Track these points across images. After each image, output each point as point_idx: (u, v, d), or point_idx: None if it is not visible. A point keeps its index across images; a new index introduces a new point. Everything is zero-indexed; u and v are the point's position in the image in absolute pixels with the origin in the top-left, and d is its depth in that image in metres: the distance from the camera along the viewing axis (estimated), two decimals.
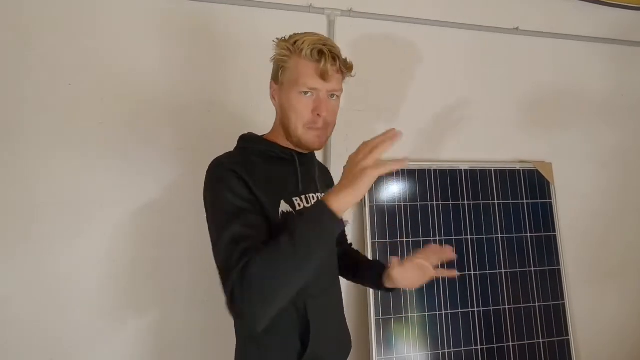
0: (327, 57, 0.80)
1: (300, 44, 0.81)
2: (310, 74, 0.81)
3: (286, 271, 0.68)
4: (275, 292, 0.68)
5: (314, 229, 0.69)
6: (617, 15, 1.82)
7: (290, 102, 0.84)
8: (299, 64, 0.82)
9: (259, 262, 0.68)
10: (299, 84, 0.82)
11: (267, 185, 0.82)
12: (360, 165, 0.68)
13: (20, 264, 1.25)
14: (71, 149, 1.29)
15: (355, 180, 0.68)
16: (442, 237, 1.54)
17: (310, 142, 0.85)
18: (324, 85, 0.82)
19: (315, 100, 0.83)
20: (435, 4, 1.61)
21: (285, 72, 0.85)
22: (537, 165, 1.70)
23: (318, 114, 0.82)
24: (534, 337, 1.57)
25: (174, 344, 1.37)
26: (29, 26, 1.27)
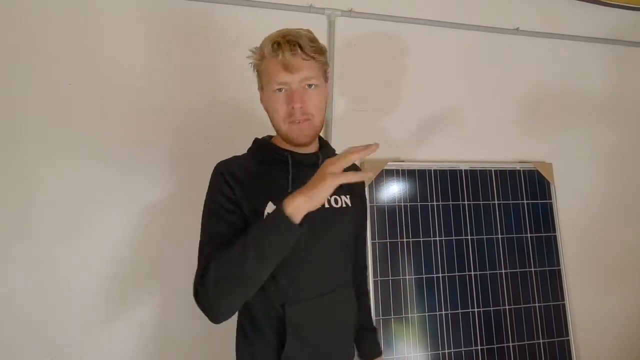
0: (283, 48, 0.79)
1: (263, 45, 0.83)
2: (276, 69, 0.81)
3: (238, 273, 0.72)
4: (230, 292, 0.74)
5: (267, 232, 0.72)
6: (617, 15, 1.82)
7: (269, 103, 0.86)
8: (266, 64, 0.83)
9: (214, 265, 0.74)
10: (270, 82, 0.83)
11: (255, 189, 0.84)
12: (323, 171, 0.70)
13: (20, 264, 1.25)
14: (71, 149, 1.29)
15: (314, 185, 0.70)
16: (442, 237, 1.54)
17: (294, 136, 0.85)
18: (291, 77, 0.81)
19: (288, 94, 0.82)
20: (435, 5, 1.61)
21: (260, 77, 0.87)
22: (537, 165, 1.70)
23: (293, 107, 0.82)
24: (534, 337, 1.57)
25: (176, 344, 1.37)
26: (29, 26, 1.27)
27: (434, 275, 1.51)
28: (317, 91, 0.84)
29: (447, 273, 1.53)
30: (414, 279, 1.49)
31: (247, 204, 0.83)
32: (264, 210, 0.83)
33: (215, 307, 0.75)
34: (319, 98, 0.85)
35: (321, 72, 0.86)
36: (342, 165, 0.69)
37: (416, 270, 1.50)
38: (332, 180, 0.68)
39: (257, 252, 0.72)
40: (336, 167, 0.69)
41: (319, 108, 0.85)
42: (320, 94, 0.86)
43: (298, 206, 0.70)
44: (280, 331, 0.84)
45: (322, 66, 0.86)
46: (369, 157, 1.50)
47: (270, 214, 0.74)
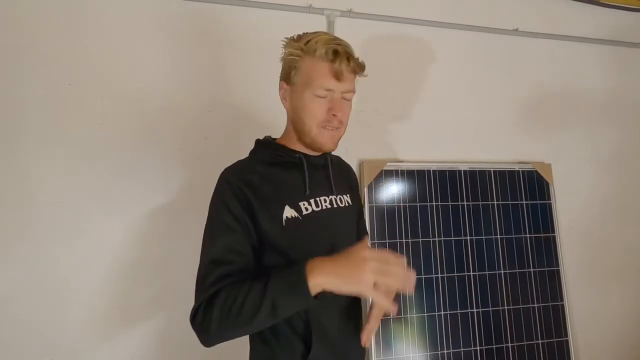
0: (341, 56, 0.79)
1: (314, 44, 0.80)
2: (325, 74, 0.80)
3: (245, 320, 0.70)
4: (230, 331, 0.73)
5: (283, 293, 0.70)
6: (616, 16, 1.82)
7: (303, 103, 0.83)
8: (313, 64, 0.81)
9: (223, 300, 0.71)
10: (314, 85, 0.81)
11: (269, 194, 0.82)
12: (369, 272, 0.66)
13: (20, 264, 1.25)
14: (71, 149, 1.29)
15: (352, 275, 0.67)
16: (441, 237, 1.55)
17: (324, 142, 0.85)
18: (338, 85, 0.81)
19: (329, 100, 0.82)
20: (435, 5, 1.61)
21: (298, 73, 0.83)
22: (537, 166, 1.70)
23: (333, 114, 0.82)
24: (533, 338, 1.57)
25: (176, 345, 1.37)
26: (28, 26, 1.27)
27: (433, 275, 1.51)
28: (350, 104, 0.87)
29: (446, 273, 1.53)
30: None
31: (264, 211, 0.81)
32: (282, 215, 0.82)
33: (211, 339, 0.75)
34: (350, 109, 0.87)
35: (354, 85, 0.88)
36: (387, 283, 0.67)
37: (415, 270, 1.50)
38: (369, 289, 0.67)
39: (271, 311, 0.69)
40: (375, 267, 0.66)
41: (348, 118, 0.87)
42: (351, 104, 0.88)
43: (326, 285, 0.68)
44: (305, 335, 0.83)
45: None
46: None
47: (292, 274, 0.70)
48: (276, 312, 0.69)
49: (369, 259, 0.66)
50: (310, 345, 0.82)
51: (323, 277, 0.67)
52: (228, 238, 0.78)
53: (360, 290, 0.66)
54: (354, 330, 0.95)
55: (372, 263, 0.66)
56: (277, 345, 0.84)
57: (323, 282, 0.68)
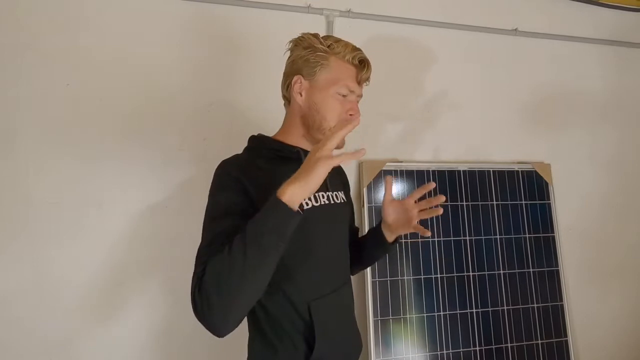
0: (367, 66, 0.90)
1: (342, 48, 0.88)
2: (351, 76, 0.88)
3: (239, 272, 0.66)
4: (232, 297, 0.66)
5: (265, 224, 0.67)
6: (615, 16, 1.82)
7: (326, 100, 0.87)
8: (341, 65, 0.88)
9: (211, 266, 0.68)
10: (340, 84, 0.87)
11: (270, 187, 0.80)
12: (315, 155, 0.69)
13: (17, 264, 1.25)
14: (69, 149, 1.29)
15: (308, 171, 0.68)
16: (440, 237, 1.54)
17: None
18: (358, 89, 0.90)
19: (349, 101, 0.89)
20: (434, 5, 1.61)
21: (323, 71, 0.87)
22: (536, 166, 1.70)
23: (351, 114, 0.88)
24: (532, 338, 1.57)
25: (176, 345, 1.37)
26: (27, 26, 1.27)
27: (432, 275, 1.51)
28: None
29: (445, 274, 1.52)
30: (412, 279, 1.49)
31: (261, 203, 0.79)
32: None
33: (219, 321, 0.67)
34: None
35: None
36: (331, 146, 0.69)
37: (414, 271, 1.50)
38: (325, 162, 0.67)
39: (257, 245, 0.66)
40: (326, 151, 0.69)
41: None
42: None
43: (295, 193, 0.67)
44: (307, 334, 0.83)
45: None
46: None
47: (265, 205, 0.69)
48: (263, 246, 0.66)
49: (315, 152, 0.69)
50: (313, 344, 0.81)
51: (292, 188, 0.68)
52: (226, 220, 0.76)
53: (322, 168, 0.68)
54: (353, 328, 0.97)
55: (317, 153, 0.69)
56: (280, 346, 0.83)
57: (294, 191, 0.68)
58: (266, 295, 0.83)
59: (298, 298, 0.83)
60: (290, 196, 0.67)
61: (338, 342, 0.87)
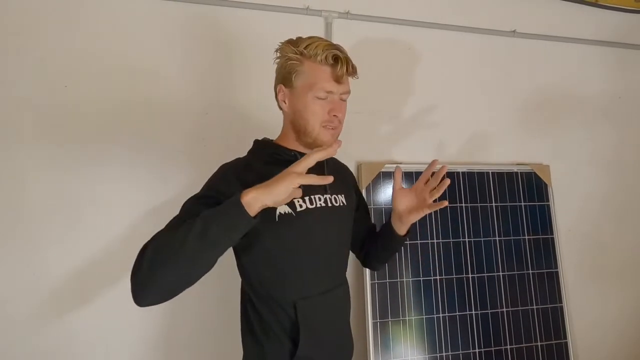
0: (342, 61, 0.85)
1: (314, 49, 0.85)
2: (327, 78, 0.85)
3: (177, 248, 0.67)
4: (158, 270, 0.67)
5: (218, 216, 0.68)
6: (614, 18, 1.82)
7: (306, 105, 0.87)
8: (314, 68, 0.86)
9: (157, 237, 0.72)
10: (316, 88, 0.85)
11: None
12: (288, 170, 0.71)
13: (16, 265, 1.25)
14: (67, 151, 1.29)
15: (275, 181, 0.70)
16: (439, 239, 1.54)
17: (326, 139, 0.89)
18: (338, 88, 0.87)
19: (330, 102, 0.87)
20: (433, 7, 1.61)
21: (299, 77, 0.87)
22: (535, 167, 1.70)
23: (335, 115, 0.87)
24: (531, 340, 1.56)
25: (175, 346, 1.37)
26: (24, 27, 1.26)
27: (431, 277, 1.51)
28: (346, 104, 0.92)
29: (444, 275, 1.52)
30: (411, 281, 1.49)
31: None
32: (275, 210, 0.84)
33: (144, 282, 0.69)
34: (346, 110, 0.93)
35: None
36: (305, 165, 0.70)
37: (414, 273, 1.50)
38: (293, 178, 0.69)
39: (202, 231, 0.67)
40: (300, 167, 0.70)
41: (344, 117, 0.92)
42: (346, 107, 0.93)
43: (255, 196, 0.68)
44: (292, 332, 0.85)
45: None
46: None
47: (226, 201, 0.70)
48: (207, 237, 0.66)
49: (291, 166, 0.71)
50: (298, 342, 0.84)
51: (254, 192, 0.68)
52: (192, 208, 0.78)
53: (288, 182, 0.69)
54: (344, 328, 0.98)
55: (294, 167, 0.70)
56: (266, 343, 0.86)
57: (255, 195, 0.68)
58: (255, 294, 0.88)
59: (285, 297, 0.86)
60: (251, 199, 0.68)
61: (324, 342, 0.89)
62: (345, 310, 0.99)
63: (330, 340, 0.91)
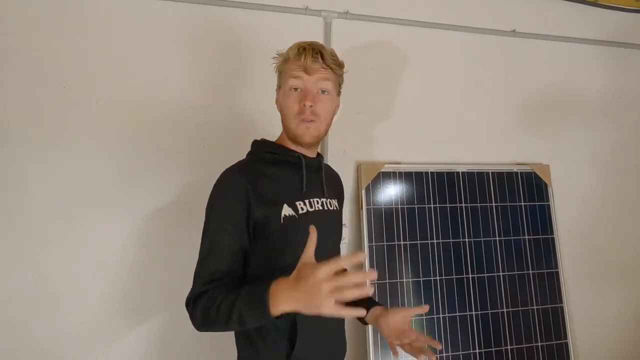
0: (307, 52, 0.86)
1: (289, 49, 0.90)
2: (294, 68, 0.88)
3: (221, 325, 0.78)
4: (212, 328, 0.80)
5: (248, 312, 0.74)
6: (614, 17, 1.82)
7: (283, 99, 0.91)
8: (288, 64, 0.89)
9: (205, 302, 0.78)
10: (287, 80, 0.89)
11: (269, 192, 0.86)
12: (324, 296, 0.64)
13: (16, 267, 1.25)
14: (66, 152, 1.28)
15: (311, 300, 0.66)
16: (439, 239, 1.54)
17: (300, 134, 0.89)
18: (308, 78, 0.87)
19: (302, 93, 0.88)
20: (432, 7, 1.61)
21: (281, 76, 0.93)
22: (535, 167, 1.70)
23: (304, 104, 0.86)
24: (532, 340, 1.56)
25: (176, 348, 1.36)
26: (23, 27, 1.26)
27: (431, 278, 1.50)
28: (328, 97, 0.90)
29: (444, 276, 1.52)
30: (411, 281, 1.48)
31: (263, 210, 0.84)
32: (280, 213, 0.85)
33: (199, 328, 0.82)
34: (328, 104, 0.91)
35: (335, 83, 0.92)
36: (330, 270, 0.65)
37: (413, 273, 1.49)
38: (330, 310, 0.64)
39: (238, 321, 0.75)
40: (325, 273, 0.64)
41: (326, 112, 0.90)
42: (330, 100, 0.91)
43: (284, 310, 0.70)
44: (290, 333, 0.85)
45: (337, 79, 0.93)
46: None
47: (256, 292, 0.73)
48: (244, 324, 0.75)
49: (322, 281, 0.64)
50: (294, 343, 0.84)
51: (284, 304, 0.69)
52: (222, 240, 0.83)
53: (322, 313, 0.65)
54: (339, 329, 0.99)
55: (326, 285, 0.64)
56: (262, 345, 0.86)
57: (285, 309, 0.70)
58: None
59: None
60: (280, 305, 0.69)
61: (320, 343, 0.90)
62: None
63: (325, 341, 0.92)
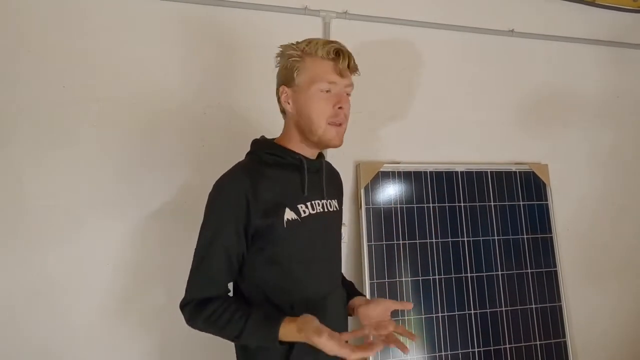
0: (344, 55, 0.84)
1: (314, 46, 0.84)
2: (329, 70, 0.84)
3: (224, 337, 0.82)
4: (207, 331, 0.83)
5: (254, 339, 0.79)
6: (612, 17, 1.83)
7: (310, 101, 0.85)
8: (316, 63, 0.84)
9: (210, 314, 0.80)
10: (319, 80, 0.84)
11: (270, 196, 0.84)
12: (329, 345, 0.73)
13: (15, 267, 1.24)
14: (65, 152, 1.28)
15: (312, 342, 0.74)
16: (438, 239, 1.54)
17: (331, 138, 0.86)
18: (342, 80, 0.85)
19: (335, 95, 0.85)
20: (431, 7, 1.61)
21: (301, 74, 0.85)
22: (533, 166, 1.71)
23: (340, 107, 0.85)
24: (530, 339, 1.57)
25: (176, 349, 1.36)
26: (22, 27, 1.26)
27: (430, 277, 1.51)
28: (350, 100, 0.89)
29: (443, 275, 1.52)
30: (410, 281, 1.49)
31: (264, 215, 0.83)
32: (283, 217, 0.84)
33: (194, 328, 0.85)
34: (350, 106, 0.89)
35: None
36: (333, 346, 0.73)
37: (412, 272, 1.50)
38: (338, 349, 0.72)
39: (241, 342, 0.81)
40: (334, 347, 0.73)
41: (349, 115, 0.89)
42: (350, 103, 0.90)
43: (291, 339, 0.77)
44: None
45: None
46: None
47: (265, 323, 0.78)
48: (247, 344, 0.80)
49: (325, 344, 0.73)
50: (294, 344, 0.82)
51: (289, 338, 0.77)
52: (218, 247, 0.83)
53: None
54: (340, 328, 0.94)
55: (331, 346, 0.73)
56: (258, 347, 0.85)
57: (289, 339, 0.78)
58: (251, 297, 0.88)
59: (283, 300, 0.85)
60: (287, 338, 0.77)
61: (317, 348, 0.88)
62: (341, 314, 0.97)
63: None
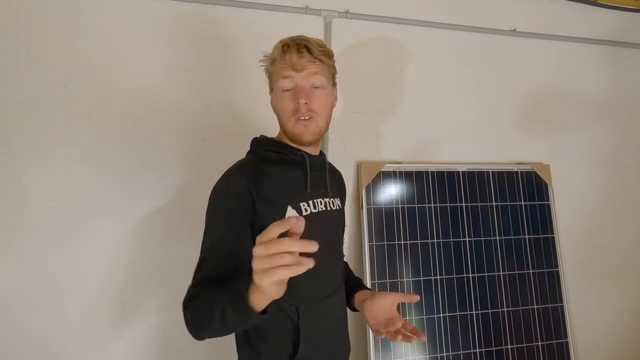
0: (291, 48, 0.83)
1: (274, 48, 0.87)
2: (282, 67, 0.84)
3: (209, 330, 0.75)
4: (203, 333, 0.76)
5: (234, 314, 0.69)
6: (614, 16, 1.82)
7: (277, 100, 0.88)
8: (275, 64, 0.87)
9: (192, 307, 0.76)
10: (278, 79, 0.85)
11: (273, 194, 0.83)
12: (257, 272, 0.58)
13: (15, 267, 1.24)
14: (65, 152, 1.28)
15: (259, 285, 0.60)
16: (439, 239, 1.54)
17: (299, 132, 0.86)
18: (297, 75, 0.84)
19: (294, 91, 0.85)
20: (432, 6, 1.61)
21: (271, 78, 0.90)
22: (535, 166, 1.70)
23: (298, 102, 0.83)
24: (532, 339, 1.56)
25: (175, 349, 1.36)
26: (22, 27, 1.26)
27: (431, 277, 1.50)
28: (323, 92, 0.87)
29: (445, 275, 1.52)
30: (411, 281, 1.48)
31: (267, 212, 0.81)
32: (284, 215, 0.82)
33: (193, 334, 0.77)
34: (324, 98, 0.87)
35: (328, 75, 0.88)
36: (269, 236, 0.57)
37: (414, 273, 1.49)
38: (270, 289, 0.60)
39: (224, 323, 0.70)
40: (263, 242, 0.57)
41: (323, 107, 0.87)
42: (326, 94, 0.88)
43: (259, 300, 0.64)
44: (294, 335, 0.83)
45: (329, 69, 0.89)
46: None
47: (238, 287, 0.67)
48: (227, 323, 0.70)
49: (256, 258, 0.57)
50: (298, 346, 0.82)
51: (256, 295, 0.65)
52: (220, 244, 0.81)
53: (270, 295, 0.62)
54: (342, 328, 0.97)
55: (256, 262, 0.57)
56: (263, 348, 0.85)
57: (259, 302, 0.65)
58: None
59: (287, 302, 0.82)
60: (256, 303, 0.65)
61: (323, 347, 0.88)
62: (343, 314, 0.98)
63: (329, 345, 0.90)
